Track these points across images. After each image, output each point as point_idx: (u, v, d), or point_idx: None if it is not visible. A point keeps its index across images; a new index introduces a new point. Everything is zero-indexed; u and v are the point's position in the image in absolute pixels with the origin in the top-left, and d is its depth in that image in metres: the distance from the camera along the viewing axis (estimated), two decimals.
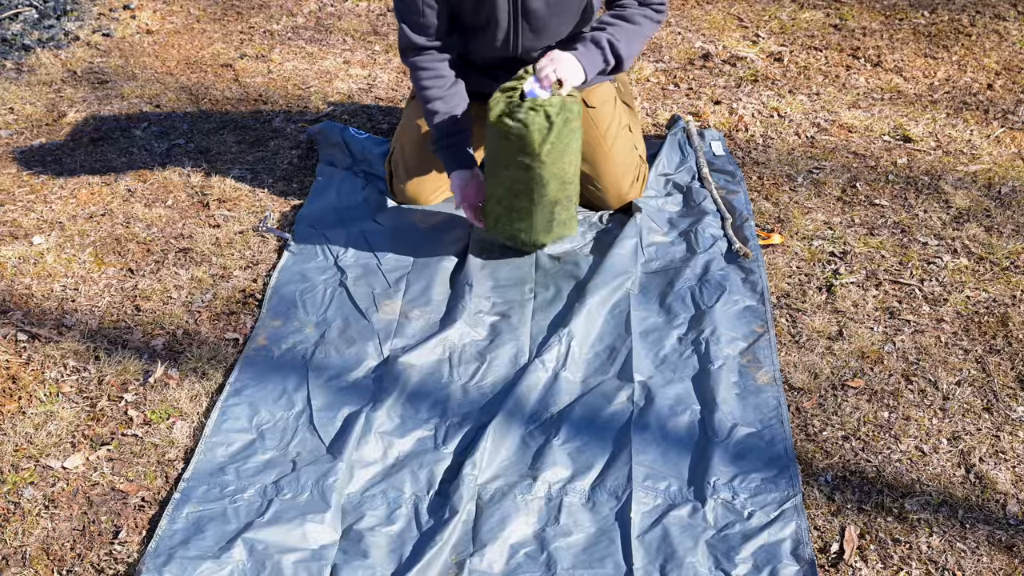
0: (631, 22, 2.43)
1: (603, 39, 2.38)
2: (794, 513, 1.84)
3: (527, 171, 2.31)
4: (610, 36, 2.39)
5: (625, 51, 2.41)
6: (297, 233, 2.66)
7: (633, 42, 2.43)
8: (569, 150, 2.33)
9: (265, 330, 2.33)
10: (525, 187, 2.35)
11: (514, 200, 2.40)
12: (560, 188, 2.37)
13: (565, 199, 2.41)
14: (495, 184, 2.41)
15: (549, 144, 2.26)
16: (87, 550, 1.82)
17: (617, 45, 2.39)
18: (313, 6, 4.14)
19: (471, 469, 1.93)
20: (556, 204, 2.40)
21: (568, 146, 2.32)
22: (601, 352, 2.26)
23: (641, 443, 2.00)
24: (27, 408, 2.12)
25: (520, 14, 2.39)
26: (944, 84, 3.45)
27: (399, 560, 1.78)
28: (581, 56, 2.35)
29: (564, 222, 2.48)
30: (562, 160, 2.32)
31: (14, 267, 2.55)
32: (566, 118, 2.27)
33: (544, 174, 2.31)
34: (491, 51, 2.48)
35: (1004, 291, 2.45)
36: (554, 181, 2.34)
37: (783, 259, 2.56)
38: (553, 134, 2.26)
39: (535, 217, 2.42)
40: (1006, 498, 1.90)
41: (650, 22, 2.45)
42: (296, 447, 2.02)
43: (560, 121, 2.25)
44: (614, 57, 2.40)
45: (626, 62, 2.44)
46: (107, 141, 3.15)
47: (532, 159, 2.28)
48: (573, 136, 2.32)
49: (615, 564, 1.77)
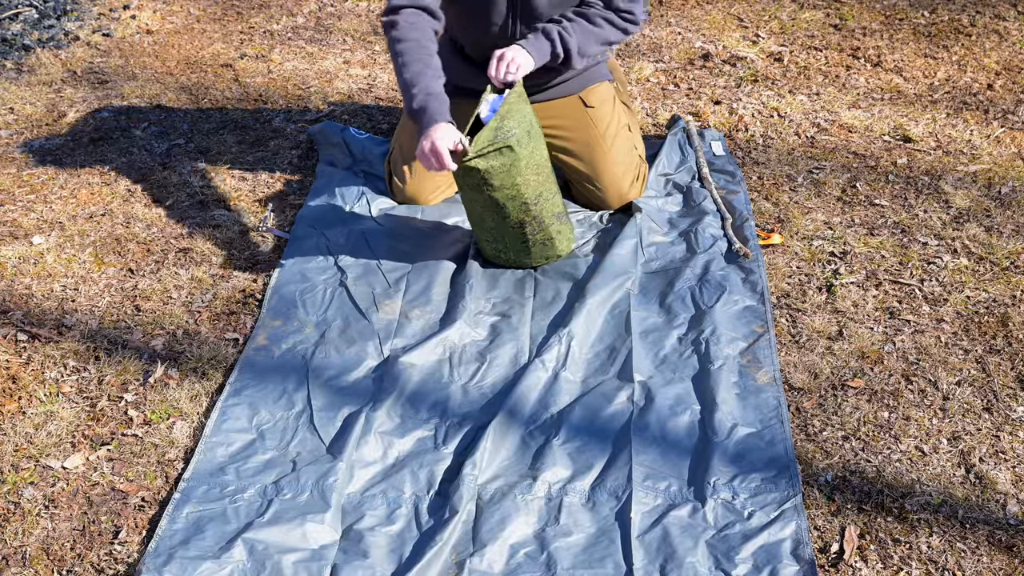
0: (591, 22, 2.43)
1: (554, 31, 2.38)
2: (794, 513, 1.84)
3: (480, 194, 2.33)
4: (562, 30, 2.39)
5: (575, 47, 2.40)
6: (297, 233, 2.66)
7: (588, 42, 2.42)
8: (519, 172, 2.30)
9: (265, 330, 2.33)
10: (485, 208, 2.37)
11: (482, 221, 2.43)
12: (521, 210, 2.36)
13: (532, 219, 2.39)
14: (463, 202, 2.45)
15: (493, 180, 2.27)
16: (87, 550, 1.82)
17: (568, 40, 2.39)
18: (313, 6, 4.14)
19: (471, 469, 1.93)
20: (524, 226, 2.39)
21: (516, 171, 2.29)
22: (601, 352, 2.26)
23: (641, 443, 2.01)
24: (27, 408, 2.12)
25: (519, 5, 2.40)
26: (944, 84, 3.45)
27: (399, 560, 1.78)
28: (528, 45, 2.36)
29: (542, 243, 2.46)
30: (514, 185, 2.31)
31: (14, 267, 2.55)
32: (507, 145, 2.25)
33: (497, 197, 2.32)
34: (489, 39, 2.46)
35: (1004, 291, 2.45)
36: (510, 203, 2.34)
37: (783, 259, 2.56)
38: (495, 173, 2.26)
39: (506, 238, 2.43)
40: (1006, 498, 1.90)
41: (613, 28, 2.44)
42: (296, 447, 2.02)
43: (500, 162, 2.25)
44: (563, 50, 2.40)
45: (575, 59, 2.44)
46: (107, 141, 3.15)
47: (481, 190, 2.30)
48: (519, 163, 2.29)
49: (615, 564, 1.77)
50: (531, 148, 2.33)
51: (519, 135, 2.28)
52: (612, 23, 2.44)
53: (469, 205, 2.43)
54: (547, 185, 2.41)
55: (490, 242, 2.48)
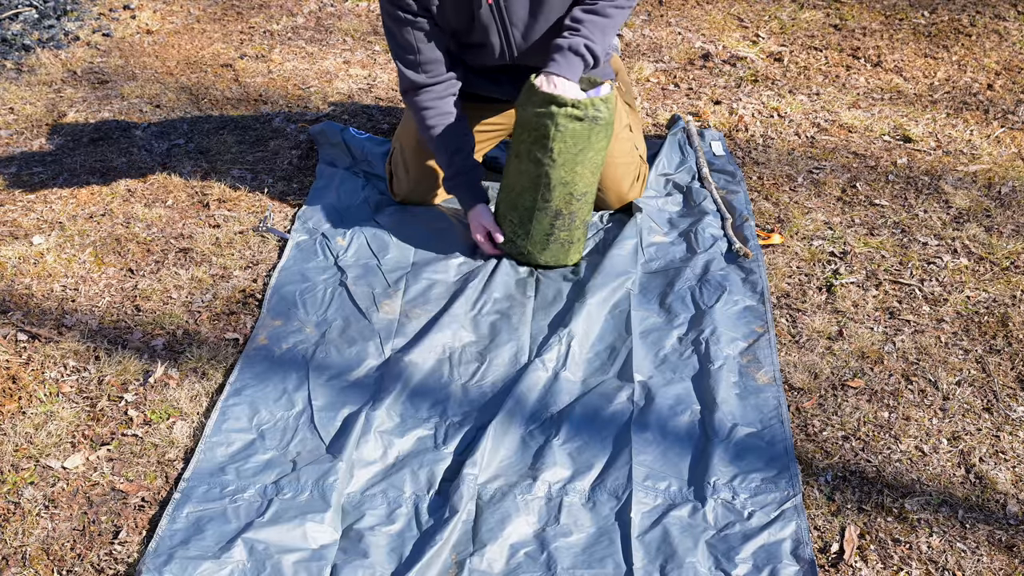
0: (603, 15, 2.40)
1: (581, 46, 2.36)
2: (794, 513, 1.84)
3: (537, 166, 2.32)
4: (586, 41, 2.37)
5: (601, 50, 2.40)
6: (297, 233, 2.66)
7: (607, 36, 2.42)
8: (584, 159, 2.33)
9: (265, 330, 2.33)
10: (531, 184, 2.36)
11: (518, 198, 2.40)
12: (565, 199, 2.37)
13: (568, 215, 2.40)
14: (507, 176, 2.43)
15: (563, 143, 2.28)
16: (87, 550, 1.82)
17: (594, 47, 2.38)
18: (313, 6, 4.14)
19: (471, 469, 1.92)
20: (558, 217, 2.39)
21: (584, 154, 2.32)
22: (601, 352, 2.26)
23: (641, 443, 2.01)
24: (27, 408, 2.12)
25: (507, 25, 2.42)
26: (944, 84, 3.45)
27: (399, 560, 1.78)
28: (559, 68, 2.34)
29: (563, 243, 2.46)
30: (574, 167, 2.32)
31: (14, 267, 2.55)
32: (591, 127, 2.29)
33: (552, 175, 2.32)
34: (490, 61, 2.52)
35: (1004, 291, 2.45)
36: (560, 187, 2.34)
37: (783, 259, 2.56)
38: (570, 136, 2.27)
39: (534, 223, 2.41)
40: (1006, 498, 1.90)
41: (620, 11, 2.42)
42: (296, 447, 2.02)
43: (582, 127, 2.27)
44: (592, 59, 2.40)
45: (602, 59, 2.45)
46: (107, 141, 3.15)
47: (544, 153, 2.29)
48: (591, 147, 2.32)
49: (615, 564, 1.77)
50: (605, 142, 2.35)
51: (610, 119, 2.32)
52: (619, 7, 2.42)
53: (514, 178, 2.40)
54: (592, 190, 2.43)
55: (511, 225, 2.46)
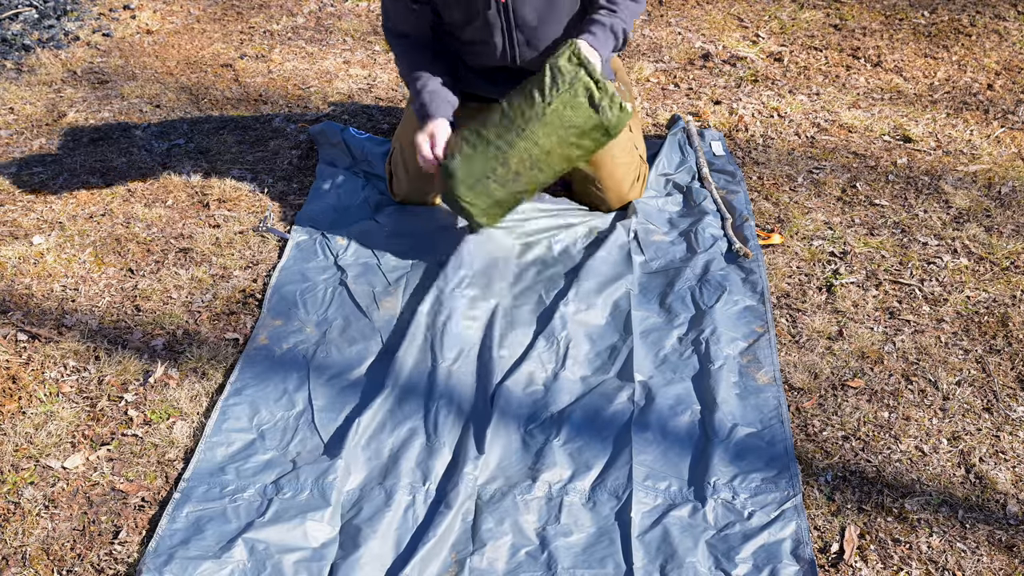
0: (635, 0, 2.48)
1: (619, 27, 2.44)
2: (794, 513, 1.84)
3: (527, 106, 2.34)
4: (624, 23, 2.44)
5: (630, 33, 2.49)
6: (297, 233, 2.66)
7: (634, 19, 2.49)
8: (566, 140, 2.35)
9: (266, 330, 2.33)
10: (508, 119, 2.36)
11: (488, 124, 2.39)
12: (525, 156, 2.35)
13: (513, 174, 2.37)
14: (492, 110, 2.41)
15: (563, 107, 2.31)
16: (87, 550, 1.82)
17: (628, 30, 2.47)
18: (313, 6, 4.14)
19: (471, 469, 1.93)
20: (504, 165, 2.36)
21: (569, 134, 2.34)
22: (602, 352, 2.26)
23: (641, 443, 2.01)
24: (27, 408, 2.12)
25: (513, 27, 2.44)
26: (944, 84, 3.45)
27: (397, 555, 1.78)
28: (596, 42, 2.42)
29: (487, 194, 2.40)
30: (551, 136, 2.33)
31: (14, 267, 2.55)
32: (591, 116, 2.32)
33: (531, 127, 2.33)
34: (490, 61, 2.54)
35: (1004, 291, 2.45)
36: (530, 143, 2.34)
37: (783, 259, 2.56)
38: (572, 108, 2.31)
39: (479, 154, 2.37)
40: (1006, 498, 1.90)
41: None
42: (296, 447, 2.02)
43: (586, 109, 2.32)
44: (623, 42, 2.49)
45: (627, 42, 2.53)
46: (107, 141, 3.16)
47: (542, 98, 2.32)
48: (582, 134, 2.35)
49: (615, 564, 1.77)
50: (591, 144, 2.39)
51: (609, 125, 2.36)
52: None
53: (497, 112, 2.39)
54: (545, 177, 2.43)
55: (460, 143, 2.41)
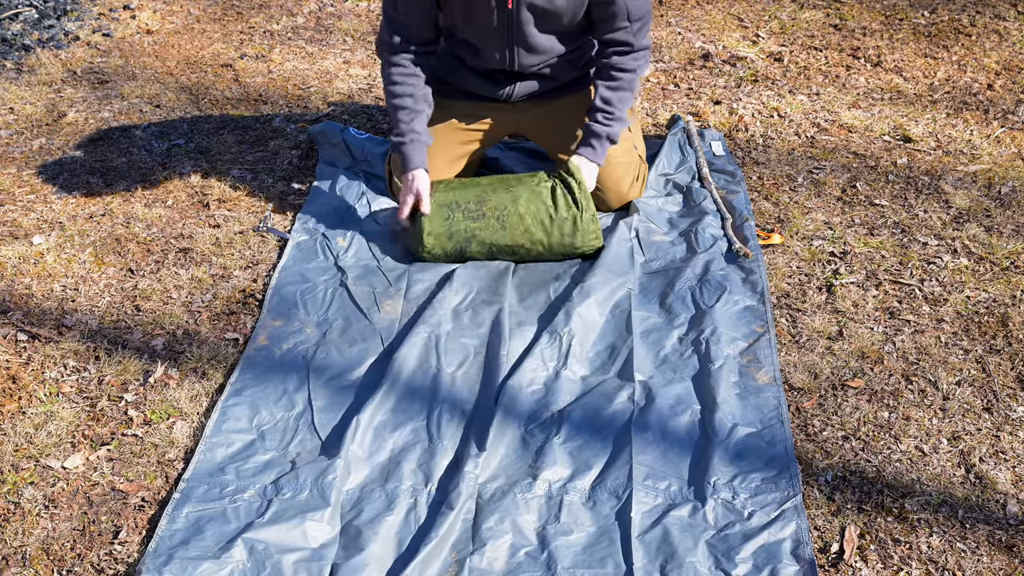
0: (628, 90, 2.54)
1: (616, 135, 2.56)
2: (794, 513, 1.84)
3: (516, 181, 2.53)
4: (621, 126, 2.57)
5: (625, 126, 2.60)
6: (297, 233, 2.66)
7: (628, 105, 2.57)
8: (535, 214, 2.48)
9: (266, 330, 2.33)
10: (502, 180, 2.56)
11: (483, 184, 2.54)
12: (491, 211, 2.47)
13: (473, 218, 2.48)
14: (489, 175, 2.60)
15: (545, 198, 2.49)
16: (87, 550, 1.82)
17: (623, 128, 2.58)
18: (313, 6, 4.15)
19: (472, 467, 1.92)
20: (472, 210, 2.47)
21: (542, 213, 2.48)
22: (602, 351, 2.26)
23: (641, 443, 2.00)
24: (27, 408, 2.12)
25: (513, 36, 2.46)
26: (944, 84, 3.45)
27: (397, 555, 1.78)
28: (596, 156, 2.56)
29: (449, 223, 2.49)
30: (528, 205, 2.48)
31: (14, 267, 2.55)
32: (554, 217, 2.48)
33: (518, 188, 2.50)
34: (490, 64, 2.55)
35: (1004, 291, 2.45)
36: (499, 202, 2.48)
37: (783, 259, 2.56)
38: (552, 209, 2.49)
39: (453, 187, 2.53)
40: (1006, 498, 1.90)
41: (638, 75, 2.56)
42: (296, 447, 2.02)
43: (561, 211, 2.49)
44: (617, 140, 2.59)
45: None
46: (107, 141, 3.16)
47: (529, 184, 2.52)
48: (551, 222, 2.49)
49: (615, 564, 1.77)
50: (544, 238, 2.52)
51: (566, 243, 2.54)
52: (637, 70, 2.54)
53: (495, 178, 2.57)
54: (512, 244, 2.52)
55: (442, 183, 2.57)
